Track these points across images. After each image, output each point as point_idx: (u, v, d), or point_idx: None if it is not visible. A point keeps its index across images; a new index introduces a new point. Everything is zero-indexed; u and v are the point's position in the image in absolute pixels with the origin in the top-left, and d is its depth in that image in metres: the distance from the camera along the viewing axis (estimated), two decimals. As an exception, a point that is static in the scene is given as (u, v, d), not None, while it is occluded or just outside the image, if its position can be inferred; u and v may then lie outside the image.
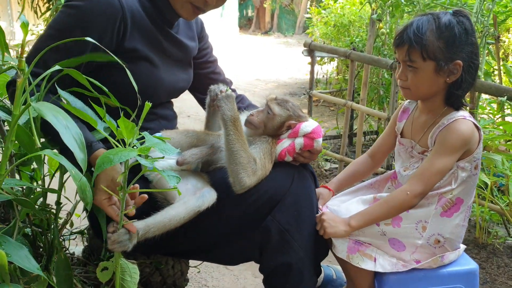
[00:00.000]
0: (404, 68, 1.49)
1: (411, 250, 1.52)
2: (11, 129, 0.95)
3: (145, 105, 1.15)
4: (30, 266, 1.03)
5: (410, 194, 1.47)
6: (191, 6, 1.49)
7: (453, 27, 1.42)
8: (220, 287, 2.07)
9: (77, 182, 0.99)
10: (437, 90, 1.49)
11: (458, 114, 1.48)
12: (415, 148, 1.58)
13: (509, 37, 5.33)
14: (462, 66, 1.43)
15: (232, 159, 1.41)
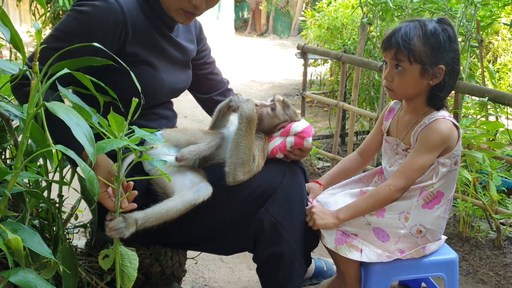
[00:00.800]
0: (390, 70, 1.59)
1: (394, 240, 1.62)
2: (26, 126, 1.04)
3: (132, 101, 1.23)
4: (43, 251, 1.13)
5: (393, 188, 1.57)
6: (183, 12, 1.57)
7: (438, 34, 1.53)
8: (216, 279, 2.16)
9: (86, 174, 1.08)
10: (420, 92, 1.60)
11: (438, 114, 1.59)
12: (399, 146, 1.68)
13: (498, 40, 5.45)
14: (444, 70, 1.54)
15: (235, 152, 1.51)
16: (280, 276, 1.59)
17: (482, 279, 2.17)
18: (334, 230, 1.64)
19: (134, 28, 1.52)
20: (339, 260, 1.72)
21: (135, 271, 1.35)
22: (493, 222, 2.46)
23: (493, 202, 2.33)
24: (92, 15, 1.44)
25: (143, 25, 1.55)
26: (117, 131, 1.21)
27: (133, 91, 1.35)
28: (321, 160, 3.68)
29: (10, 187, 1.06)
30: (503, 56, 5.49)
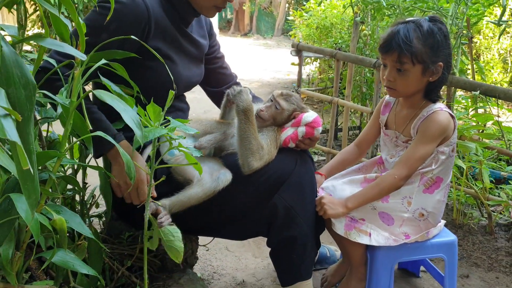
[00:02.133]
0: (392, 71, 1.66)
1: (399, 223, 1.72)
2: (70, 114, 1.11)
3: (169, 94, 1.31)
4: (84, 231, 1.20)
5: (397, 177, 1.67)
6: (216, 8, 1.67)
7: (435, 34, 1.62)
8: (224, 266, 2.23)
9: (125, 159, 1.16)
10: (420, 88, 1.70)
11: (435, 106, 1.69)
12: (399, 138, 1.78)
13: (480, 39, 5.64)
14: (442, 66, 1.64)
15: (242, 145, 1.59)
16: (293, 258, 1.68)
17: (475, 262, 2.29)
18: (343, 217, 1.74)
19: (156, 23, 1.60)
20: (346, 244, 1.82)
21: (181, 242, 1.40)
22: (484, 210, 2.59)
23: (484, 190, 2.46)
24: (117, 9, 1.50)
25: (163, 21, 1.63)
26: (153, 121, 1.29)
27: (154, 84, 1.43)
28: (316, 154, 3.79)
29: (54, 171, 1.13)
30: (485, 54, 5.68)
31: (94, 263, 1.46)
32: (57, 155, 1.06)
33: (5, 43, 0.69)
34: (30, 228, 0.93)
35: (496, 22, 2.68)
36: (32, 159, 0.76)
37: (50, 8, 0.90)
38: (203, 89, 2.04)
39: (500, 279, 2.17)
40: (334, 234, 1.87)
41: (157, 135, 1.13)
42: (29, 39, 0.91)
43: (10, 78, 0.70)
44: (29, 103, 0.74)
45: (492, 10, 4.76)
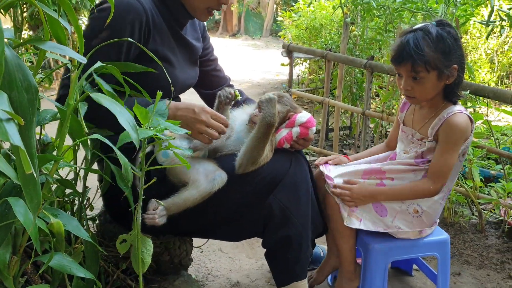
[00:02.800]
0: (408, 80, 1.68)
1: (392, 215, 1.73)
2: (67, 117, 1.11)
3: (157, 95, 1.30)
4: (81, 234, 1.19)
5: (433, 188, 1.70)
6: (208, 12, 1.67)
7: (445, 38, 1.62)
8: (218, 268, 2.24)
9: (122, 161, 1.16)
10: (439, 92, 1.71)
11: (455, 108, 1.69)
12: (415, 136, 1.79)
13: (468, 39, 5.70)
14: (457, 68, 1.65)
15: (249, 152, 1.59)
16: (288, 258, 1.69)
17: (467, 260, 2.32)
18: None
19: (154, 26, 1.60)
20: (336, 237, 1.83)
21: (150, 256, 1.41)
22: (475, 208, 2.62)
23: (475, 189, 2.49)
24: (115, 13, 1.49)
25: (159, 24, 1.63)
26: (142, 122, 1.29)
27: (153, 88, 1.43)
28: (308, 155, 3.80)
29: (52, 174, 1.13)
30: (472, 54, 5.75)
31: (91, 266, 1.45)
32: (55, 158, 1.05)
33: (8, 47, 0.68)
34: (29, 233, 0.92)
35: (484, 23, 2.72)
36: (34, 163, 0.76)
37: (49, 11, 0.90)
38: (196, 91, 2.04)
39: (491, 276, 2.20)
40: (331, 221, 1.87)
41: (144, 136, 1.13)
42: (29, 42, 0.90)
43: (13, 82, 0.70)
44: (31, 107, 0.74)
45: (479, 11, 4.82)
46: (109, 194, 1.66)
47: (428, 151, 1.74)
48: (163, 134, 1.57)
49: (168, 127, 1.34)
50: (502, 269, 2.24)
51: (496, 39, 5.62)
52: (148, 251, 1.43)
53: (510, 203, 2.37)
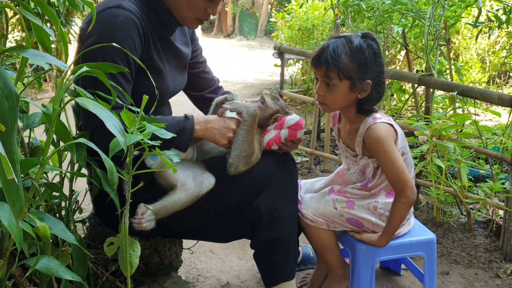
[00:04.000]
0: (321, 85, 1.66)
1: (369, 225, 1.76)
2: (52, 121, 1.12)
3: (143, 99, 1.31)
4: (67, 237, 1.21)
5: (406, 198, 1.64)
6: (197, 20, 1.68)
7: (364, 50, 1.60)
8: (208, 269, 2.25)
9: (107, 164, 1.17)
10: (350, 104, 1.69)
11: (369, 120, 1.68)
12: (348, 151, 1.80)
13: (459, 39, 5.74)
14: (371, 84, 1.63)
15: (240, 146, 1.61)
16: (276, 259, 1.71)
17: (455, 259, 2.34)
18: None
19: (145, 34, 1.60)
20: (321, 250, 1.86)
21: (137, 258, 1.42)
22: (463, 208, 2.65)
23: (463, 188, 2.51)
24: (121, 25, 1.50)
25: (149, 32, 1.62)
26: (129, 127, 1.30)
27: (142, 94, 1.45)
28: (300, 155, 3.83)
29: (37, 178, 1.14)
30: (464, 54, 5.78)
31: (78, 269, 1.46)
32: (40, 162, 1.07)
33: (-13, 55, 0.70)
34: (14, 237, 0.93)
35: (473, 24, 2.74)
36: (16, 168, 0.77)
37: (32, 19, 0.91)
38: (185, 93, 2.05)
39: (479, 275, 2.22)
40: (311, 241, 1.90)
41: (132, 141, 1.14)
42: (10, 51, 0.91)
43: (-7, 90, 0.71)
44: (12, 114, 0.75)
45: (470, 11, 4.85)
46: (98, 197, 1.67)
47: (364, 167, 1.75)
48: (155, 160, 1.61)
49: (154, 131, 1.35)
50: (490, 268, 2.27)
51: (488, 39, 5.66)
52: (136, 253, 1.44)
53: (497, 203, 2.39)
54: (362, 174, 1.77)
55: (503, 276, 2.20)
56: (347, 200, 1.77)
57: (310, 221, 1.79)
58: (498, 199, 2.45)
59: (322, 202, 1.80)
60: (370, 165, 1.73)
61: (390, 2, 3.04)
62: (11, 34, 6.14)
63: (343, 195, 1.79)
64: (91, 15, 1.57)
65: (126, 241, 1.42)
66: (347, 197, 1.78)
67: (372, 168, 1.73)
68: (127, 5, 1.54)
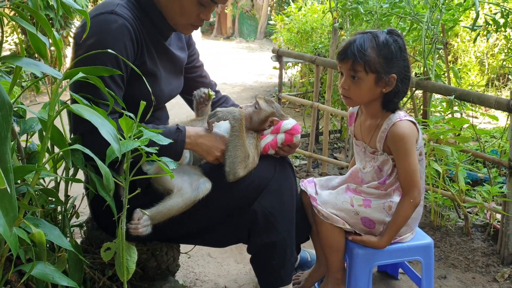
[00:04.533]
0: (347, 79, 1.69)
1: (380, 226, 1.76)
2: (48, 128, 1.13)
3: (141, 104, 1.33)
4: (63, 243, 1.21)
5: (412, 199, 1.68)
6: (191, 26, 1.68)
7: (390, 45, 1.64)
8: (206, 273, 2.25)
9: (103, 171, 1.17)
10: (375, 98, 1.71)
11: (395, 117, 1.70)
12: (367, 149, 1.80)
13: (458, 42, 5.75)
14: (396, 78, 1.65)
15: (233, 152, 1.61)
16: (273, 264, 1.70)
17: (453, 263, 2.34)
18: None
19: (140, 41, 1.60)
20: (326, 250, 1.86)
21: (134, 264, 1.43)
22: (461, 211, 2.65)
23: (461, 192, 2.52)
24: (110, 36, 1.50)
25: (144, 38, 1.63)
26: (126, 133, 1.30)
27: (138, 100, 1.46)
28: (298, 158, 3.83)
29: (33, 184, 1.14)
30: (462, 57, 5.79)
31: (74, 274, 1.46)
32: (35, 169, 1.07)
33: (-20, 65, 0.70)
34: (9, 244, 0.93)
35: (470, 27, 2.74)
36: (9, 177, 0.78)
37: (27, 26, 0.92)
38: (182, 97, 2.05)
39: (477, 279, 2.22)
40: (315, 239, 1.91)
41: (130, 148, 1.15)
42: (5, 59, 0.92)
43: (-14, 100, 0.71)
44: (5, 123, 0.76)
45: (468, 14, 4.86)
46: (95, 202, 1.68)
47: (383, 164, 1.75)
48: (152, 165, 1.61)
49: (151, 137, 1.36)
50: (487, 272, 2.27)
51: (487, 42, 5.66)
52: (133, 258, 1.45)
53: (494, 207, 2.39)
54: (379, 171, 1.78)
55: (500, 280, 2.20)
56: (364, 198, 1.78)
57: (325, 218, 1.79)
58: (495, 203, 2.44)
59: (340, 198, 1.81)
60: (389, 162, 1.73)
61: (388, 6, 3.05)
62: (11, 36, 6.15)
63: (359, 194, 1.80)
64: (84, 20, 1.58)
65: (123, 246, 1.43)
66: (363, 196, 1.79)
67: (390, 165, 1.74)
68: (120, 10, 1.54)
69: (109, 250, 1.46)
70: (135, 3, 1.63)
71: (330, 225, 1.79)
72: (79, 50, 1.49)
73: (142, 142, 1.28)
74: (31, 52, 5.16)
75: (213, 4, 1.64)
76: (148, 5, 1.64)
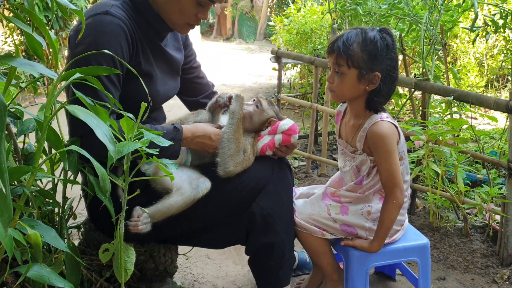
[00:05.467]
0: (332, 73, 1.68)
1: (363, 231, 1.75)
2: (44, 129, 1.12)
3: (142, 106, 1.32)
4: (59, 245, 1.20)
5: (396, 200, 1.66)
6: (188, 25, 1.68)
7: (376, 42, 1.61)
8: (204, 274, 2.25)
9: (99, 172, 1.17)
10: (358, 95, 1.69)
11: (376, 117, 1.67)
12: (347, 148, 1.79)
13: (457, 43, 5.74)
14: (380, 77, 1.63)
15: (226, 144, 1.62)
16: (271, 265, 1.70)
17: (452, 264, 2.34)
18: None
19: (135, 42, 1.60)
20: (313, 254, 1.85)
21: (132, 265, 1.42)
22: (460, 213, 2.64)
23: (460, 193, 2.51)
24: (104, 37, 1.50)
25: (139, 38, 1.63)
26: (127, 134, 1.30)
27: (134, 100, 1.45)
28: (297, 160, 3.82)
29: (28, 186, 1.14)
30: (462, 58, 5.79)
31: (71, 276, 1.46)
32: (31, 170, 1.06)
33: (-27, 66, 0.70)
34: (4, 245, 0.93)
35: (469, 28, 2.74)
36: (4, 178, 0.77)
37: (23, 27, 0.91)
38: (179, 98, 2.05)
39: (476, 281, 2.22)
40: (304, 247, 1.89)
41: (131, 149, 1.14)
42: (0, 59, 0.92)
43: (-21, 100, 0.71)
44: (0, 124, 0.75)
45: (467, 15, 4.86)
46: (92, 203, 1.67)
47: (361, 163, 1.73)
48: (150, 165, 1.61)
49: (152, 139, 1.35)
50: (486, 274, 2.26)
51: (486, 43, 5.66)
52: (131, 260, 1.44)
53: (493, 208, 2.39)
54: (357, 171, 1.76)
55: (499, 282, 2.19)
56: (341, 205, 1.77)
57: (303, 229, 1.78)
58: (494, 204, 2.44)
59: (316, 208, 1.80)
60: (368, 162, 1.72)
61: (386, 7, 3.05)
62: (10, 37, 6.16)
63: (337, 200, 1.79)
64: (79, 22, 1.58)
65: (121, 247, 1.42)
66: (341, 202, 1.78)
67: (368, 166, 1.72)
68: (115, 11, 1.54)
69: (107, 251, 1.45)
70: (130, 4, 1.63)
71: (308, 234, 1.79)
72: (74, 51, 1.49)
73: (143, 143, 1.27)
74: (30, 53, 5.17)
75: (211, 4, 1.64)
76: (144, 5, 1.64)
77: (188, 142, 1.64)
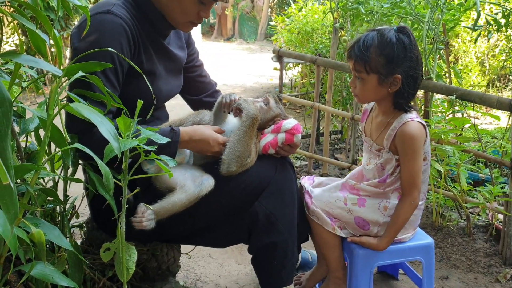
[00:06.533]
0: (353, 78, 1.69)
1: (375, 227, 1.74)
2: (48, 127, 1.12)
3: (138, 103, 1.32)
4: (63, 243, 1.20)
5: (413, 201, 1.68)
6: (190, 23, 1.68)
7: (392, 45, 1.60)
8: (207, 274, 2.24)
9: (103, 170, 1.16)
10: (383, 97, 1.69)
11: (406, 117, 1.67)
12: (373, 146, 1.79)
13: (459, 42, 5.74)
14: (401, 79, 1.62)
15: (235, 145, 1.61)
16: (274, 264, 1.70)
17: (454, 264, 2.33)
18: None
19: (137, 40, 1.60)
20: (323, 247, 1.85)
21: (134, 264, 1.41)
22: (462, 212, 2.64)
23: (463, 192, 2.51)
24: (105, 35, 1.50)
25: (141, 37, 1.62)
26: (124, 132, 1.29)
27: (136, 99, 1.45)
28: (299, 159, 3.82)
29: (32, 184, 1.13)
30: (463, 57, 5.78)
31: (74, 275, 1.45)
32: (35, 168, 1.06)
33: (-21, 62, 0.69)
34: (8, 243, 0.93)
35: (471, 28, 2.74)
36: (10, 173, 0.77)
37: (27, 24, 0.91)
38: (182, 97, 2.05)
39: (479, 280, 2.21)
40: (316, 237, 1.89)
41: (128, 146, 1.14)
42: (4, 56, 0.91)
43: (-14, 96, 0.71)
44: (5, 120, 0.75)
45: (469, 15, 4.85)
46: (94, 202, 1.67)
47: (386, 162, 1.74)
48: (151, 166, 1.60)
49: (149, 136, 1.35)
50: (489, 273, 2.26)
51: (487, 42, 5.66)
52: (132, 259, 1.44)
53: (496, 207, 2.38)
54: (381, 169, 1.76)
55: (503, 281, 2.19)
56: (359, 197, 1.77)
57: (316, 218, 1.79)
58: (497, 203, 2.43)
59: (333, 196, 1.80)
60: (393, 161, 1.72)
61: (388, 6, 3.04)
62: (11, 38, 6.15)
63: (355, 193, 1.79)
64: (81, 21, 1.58)
65: (122, 246, 1.42)
66: (360, 195, 1.78)
67: (393, 165, 1.72)
68: (117, 10, 1.54)
69: (109, 250, 1.45)
70: (132, 2, 1.62)
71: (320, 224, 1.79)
72: (75, 50, 1.49)
73: (140, 141, 1.27)
74: (31, 53, 5.16)
75: (213, 2, 1.64)
76: (146, 4, 1.63)
77: (185, 145, 1.63)
